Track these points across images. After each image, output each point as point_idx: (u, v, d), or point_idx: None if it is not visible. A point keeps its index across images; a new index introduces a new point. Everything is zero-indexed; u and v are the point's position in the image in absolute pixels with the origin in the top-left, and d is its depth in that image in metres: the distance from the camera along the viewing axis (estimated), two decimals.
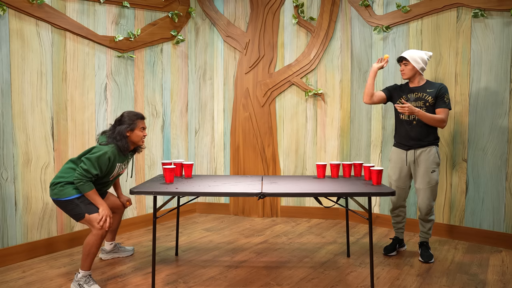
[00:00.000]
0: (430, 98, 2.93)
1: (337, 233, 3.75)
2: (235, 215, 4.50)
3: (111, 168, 2.62)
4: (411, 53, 2.96)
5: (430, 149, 2.95)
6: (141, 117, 2.71)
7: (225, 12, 4.46)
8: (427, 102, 2.93)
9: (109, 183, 2.77)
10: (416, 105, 2.97)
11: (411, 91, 3.03)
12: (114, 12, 3.62)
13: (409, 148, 3.02)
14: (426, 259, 2.96)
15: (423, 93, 2.96)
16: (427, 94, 2.95)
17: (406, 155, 3.04)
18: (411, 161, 3.02)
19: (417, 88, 3.01)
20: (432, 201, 2.97)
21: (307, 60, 4.24)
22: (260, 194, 2.28)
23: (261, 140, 4.39)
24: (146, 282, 2.61)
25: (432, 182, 2.94)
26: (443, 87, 2.94)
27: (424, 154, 2.96)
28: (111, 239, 3.05)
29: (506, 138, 3.26)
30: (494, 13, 3.29)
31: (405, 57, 2.97)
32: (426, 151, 2.96)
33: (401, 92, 3.08)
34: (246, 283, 2.59)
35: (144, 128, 2.72)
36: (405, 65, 2.99)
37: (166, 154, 4.20)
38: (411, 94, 3.02)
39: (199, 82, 4.55)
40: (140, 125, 2.69)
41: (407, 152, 3.03)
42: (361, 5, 4.01)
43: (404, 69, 2.99)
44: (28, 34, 3.00)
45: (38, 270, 2.81)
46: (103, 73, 3.55)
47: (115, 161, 2.62)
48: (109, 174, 2.66)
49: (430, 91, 2.95)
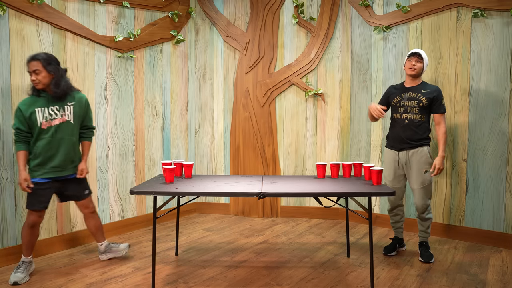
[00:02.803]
0: (424, 99, 2.96)
1: (337, 233, 3.75)
2: (235, 215, 4.50)
3: (31, 115, 2.60)
4: (424, 54, 3.01)
5: (422, 149, 2.97)
6: (27, 60, 2.61)
7: (225, 12, 4.46)
8: (421, 102, 2.96)
9: (50, 137, 2.66)
10: (409, 104, 3.00)
11: (406, 90, 3.06)
12: (114, 12, 3.62)
13: (400, 149, 3.04)
14: (426, 259, 2.96)
15: (418, 93, 2.99)
16: (422, 94, 2.97)
17: (398, 156, 3.06)
18: (403, 162, 3.04)
19: (412, 88, 3.03)
20: (427, 200, 2.99)
21: (307, 60, 4.24)
22: (260, 194, 2.28)
23: (261, 140, 4.39)
24: (146, 282, 2.61)
25: (425, 182, 2.96)
26: (439, 91, 2.98)
27: (416, 154, 2.98)
28: (98, 240, 3.00)
29: (506, 138, 3.26)
30: (494, 13, 3.29)
31: (420, 53, 2.98)
32: (417, 151, 2.98)
33: (395, 91, 3.11)
34: (246, 283, 2.59)
35: (30, 72, 2.60)
36: (418, 61, 2.99)
37: (166, 154, 4.20)
38: (405, 93, 3.04)
39: (199, 82, 4.55)
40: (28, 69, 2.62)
41: (399, 153, 3.05)
42: (361, 5, 4.01)
43: (417, 65, 2.98)
44: (28, 34, 3.00)
45: (38, 270, 2.81)
46: (103, 73, 3.55)
47: (31, 106, 2.61)
48: (34, 122, 2.61)
49: (425, 91, 2.98)
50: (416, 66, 2.97)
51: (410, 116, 2.99)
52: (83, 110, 2.83)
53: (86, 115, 2.87)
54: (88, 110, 2.87)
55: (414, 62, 2.98)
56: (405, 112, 3.02)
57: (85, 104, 2.84)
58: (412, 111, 2.98)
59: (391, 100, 3.13)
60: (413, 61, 2.98)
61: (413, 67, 2.98)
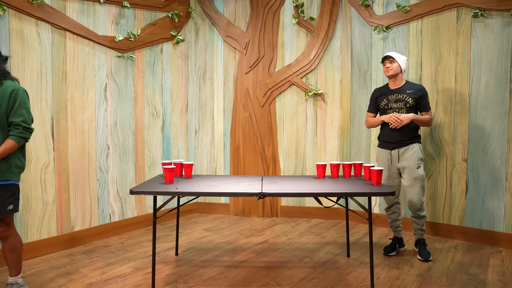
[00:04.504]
0: (410, 99, 3.05)
1: (337, 233, 3.75)
2: (235, 215, 4.50)
3: None
4: (395, 54, 3.10)
5: (413, 146, 3.06)
6: None
7: (225, 12, 4.46)
8: (408, 103, 3.06)
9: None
10: (396, 106, 3.10)
11: (392, 92, 3.14)
12: (114, 12, 3.62)
13: (393, 147, 3.12)
14: (425, 257, 2.99)
15: (404, 94, 3.08)
16: (407, 95, 3.07)
17: (391, 154, 3.13)
18: (395, 159, 3.12)
19: (398, 90, 3.12)
20: (422, 196, 3.05)
21: (307, 60, 4.24)
22: (260, 194, 2.28)
23: (261, 140, 4.39)
24: (146, 282, 2.61)
25: (419, 177, 3.03)
26: (424, 90, 3.09)
27: (407, 151, 3.06)
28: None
29: (506, 138, 3.26)
30: (494, 13, 3.28)
31: (391, 55, 3.08)
32: (409, 148, 3.06)
33: (382, 94, 3.19)
34: (246, 283, 2.59)
35: None
36: (391, 62, 3.09)
37: (166, 154, 4.20)
38: (391, 95, 3.13)
39: (199, 82, 4.55)
40: None
41: (391, 151, 3.13)
42: (361, 5, 4.01)
43: (391, 66, 3.09)
44: (28, 34, 3.00)
45: (38, 270, 2.81)
46: (103, 73, 3.55)
47: None
48: None
49: (410, 92, 3.07)
50: (390, 67, 3.08)
51: None
52: (6, 102, 2.22)
53: (13, 108, 2.23)
54: (16, 103, 2.24)
55: (388, 65, 3.10)
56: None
57: (10, 94, 2.22)
58: (401, 112, 3.08)
59: (378, 103, 3.21)
60: (386, 64, 3.11)
61: (387, 69, 3.10)
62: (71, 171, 3.31)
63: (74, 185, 3.34)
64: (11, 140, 2.22)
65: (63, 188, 3.26)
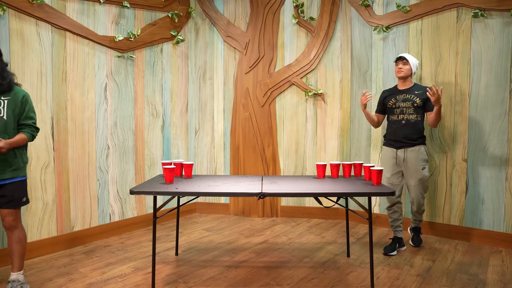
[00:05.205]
0: (418, 99, 3.14)
1: (337, 233, 3.75)
2: (235, 215, 4.50)
3: None
4: (410, 56, 3.19)
5: (419, 148, 3.15)
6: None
7: (225, 12, 4.46)
8: (415, 103, 3.14)
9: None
10: (404, 105, 3.18)
11: (400, 92, 3.23)
12: (114, 12, 3.62)
13: (399, 147, 3.20)
14: (416, 243, 3.30)
15: (411, 95, 3.17)
16: (415, 95, 3.16)
17: (397, 153, 3.21)
18: (401, 159, 3.19)
19: (406, 90, 3.22)
20: (424, 194, 3.22)
21: (307, 60, 4.24)
22: (260, 194, 2.28)
23: (261, 140, 4.39)
24: (146, 282, 2.61)
25: (423, 178, 3.15)
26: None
27: (413, 152, 3.15)
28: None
29: (506, 138, 3.26)
30: (494, 13, 3.28)
31: (405, 57, 3.17)
32: (415, 150, 3.15)
33: (390, 95, 3.29)
34: (246, 283, 2.59)
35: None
36: (405, 64, 3.18)
37: (166, 154, 4.20)
38: (399, 95, 3.22)
39: (199, 82, 4.55)
40: None
41: (397, 150, 3.21)
42: (361, 5, 4.01)
43: (403, 68, 3.18)
44: (28, 34, 3.00)
45: (38, 270, 2.81)
46: (103, 73, 3.55)
47: None
48: None
49: (418, 93, 3.17)
50: (403, 68, 3.18)
51: (406, 117, 3.17)
52: (19, 107, 2.41)
53: (24, 112, 2.44)
54: (26, 107, 2.44)
55: (401, 66, 3.19)
56: (401, 113, 3.19)
57: (22, 100, 2.42)
58: (408, 112, 3.16)
59: (386, 103, 3.29)
60: (399, 64, 3.19)
61: (400, 70, 3.19)
62: (71, 171, 3.31)
63: (74, 185, 3.34)
64: (23, 134, 2.44)
65: (63, 188, 3.26)
